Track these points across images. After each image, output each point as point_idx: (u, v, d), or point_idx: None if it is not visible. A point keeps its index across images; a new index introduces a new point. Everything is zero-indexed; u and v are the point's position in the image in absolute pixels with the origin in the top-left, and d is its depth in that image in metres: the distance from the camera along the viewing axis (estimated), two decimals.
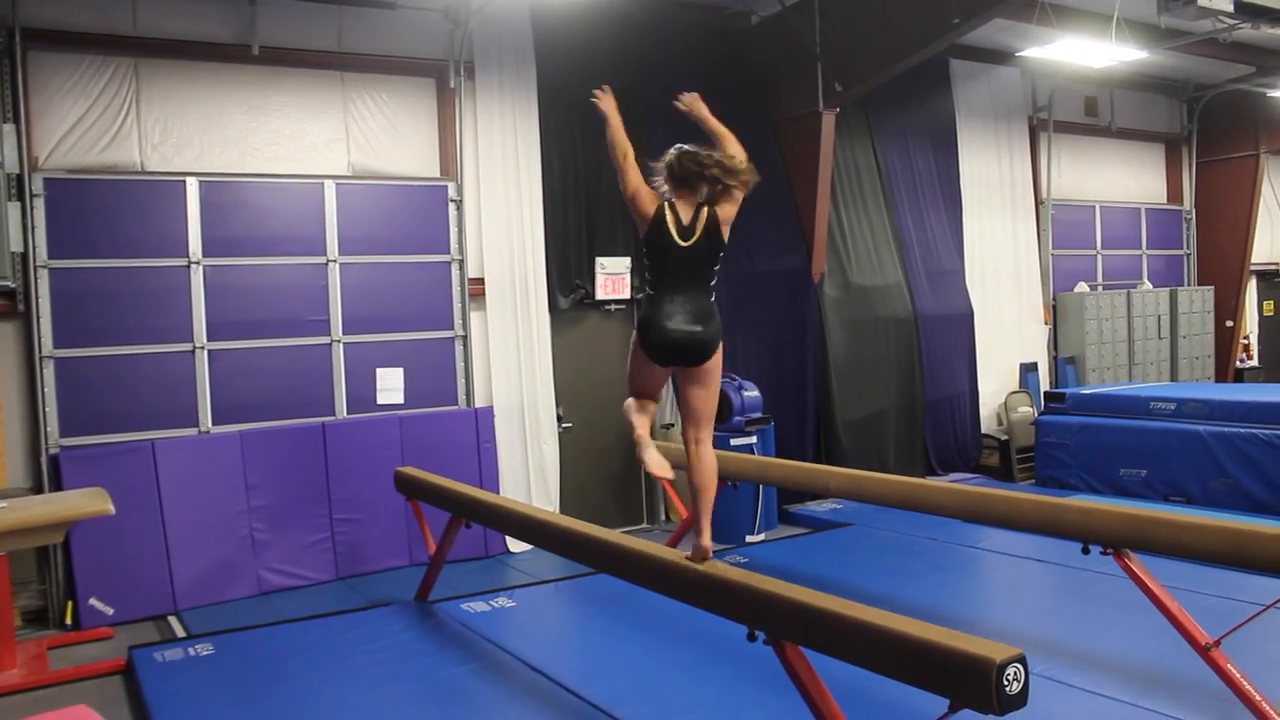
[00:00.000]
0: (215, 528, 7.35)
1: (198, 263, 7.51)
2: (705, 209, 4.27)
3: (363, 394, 8.13)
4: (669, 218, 4.26)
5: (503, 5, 8.41)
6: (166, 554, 7.16)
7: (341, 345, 8.04)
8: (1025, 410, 11.65)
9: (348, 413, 8.06)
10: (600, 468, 9.39)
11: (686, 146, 4.34)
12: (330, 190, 8.01)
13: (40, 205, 7.00)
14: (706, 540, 4.11)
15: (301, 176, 7.96)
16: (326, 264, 8.00)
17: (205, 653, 5.90)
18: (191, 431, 7.48)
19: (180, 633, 6.66)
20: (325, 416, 7.96)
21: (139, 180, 7.37)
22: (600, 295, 9.08)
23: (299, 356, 7.91)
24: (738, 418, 8.82)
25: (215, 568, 7.33)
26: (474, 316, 8.58)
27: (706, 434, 4.28)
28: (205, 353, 7.53)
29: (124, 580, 7.00)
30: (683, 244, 4.24)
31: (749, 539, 8.67)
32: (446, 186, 8.51)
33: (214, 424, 7.55)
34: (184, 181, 7.48)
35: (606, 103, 4.65)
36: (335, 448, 7.84)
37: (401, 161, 8.47)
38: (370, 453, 7.91)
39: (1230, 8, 7.74)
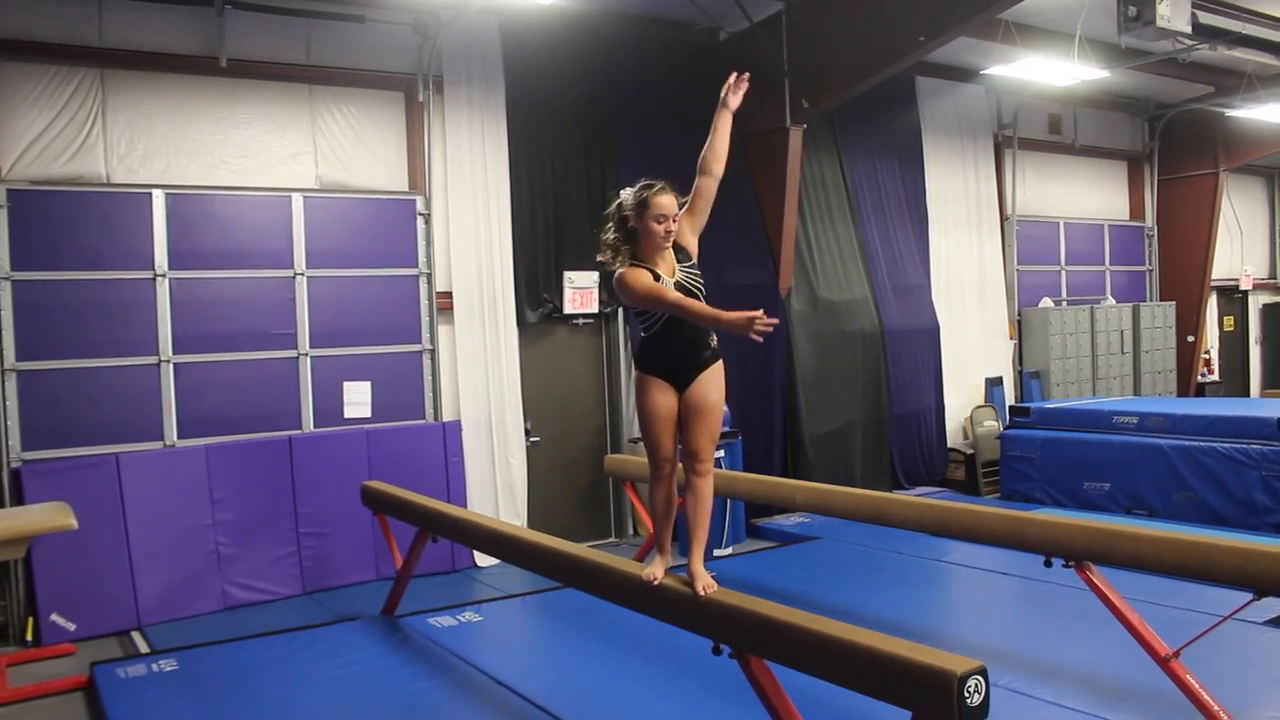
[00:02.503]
0: (180, 542, 7.29)
1: (164, 275, 7.46)
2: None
3: (330, 408, 8.09)
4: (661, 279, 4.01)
5: (472, 20, 8.43)
6: (130, 569, 7.10)
7: (308, 359, 8.00)
8: (990, 424, 11.75)
9: (314, 426, 8.02)
10: (568, 482, 9.39)
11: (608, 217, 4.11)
12: (298, 203, 7.98)
13: (3, 217, 6.94)
14: (696, 563, 4.01)
15: (269, 189, 7.93)
16: (294, 277, 7.97)
17: (169, 668, 5.85)
18: (156, 445, 7.42)
19: (143, 648, 6.59)
20: (292, 430, 7.92)
21: (104, 192, 7.33)
22: (568, 309, 9.09)
23: (266, 370, 7.86)
24: None
25: (180, 582, 7.26)
26: (442, 330, 8.57)
27: (707, 462, 4.14)
28: (171, 366, 7.48)
29: (86, 596, 6.92)
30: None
31: (716, 553, 8.68)
32: (415, 200, 8.51)
33: (179, 438, 7.49)
34: (150, 194, 7.43)
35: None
36: (302, 462, 7.80)
37: (369, 175, 8.46)
38: (337, 467, 7.87)
39: (1188, 29, 7.89)
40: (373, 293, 8.31)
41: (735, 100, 4.32)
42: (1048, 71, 10.01)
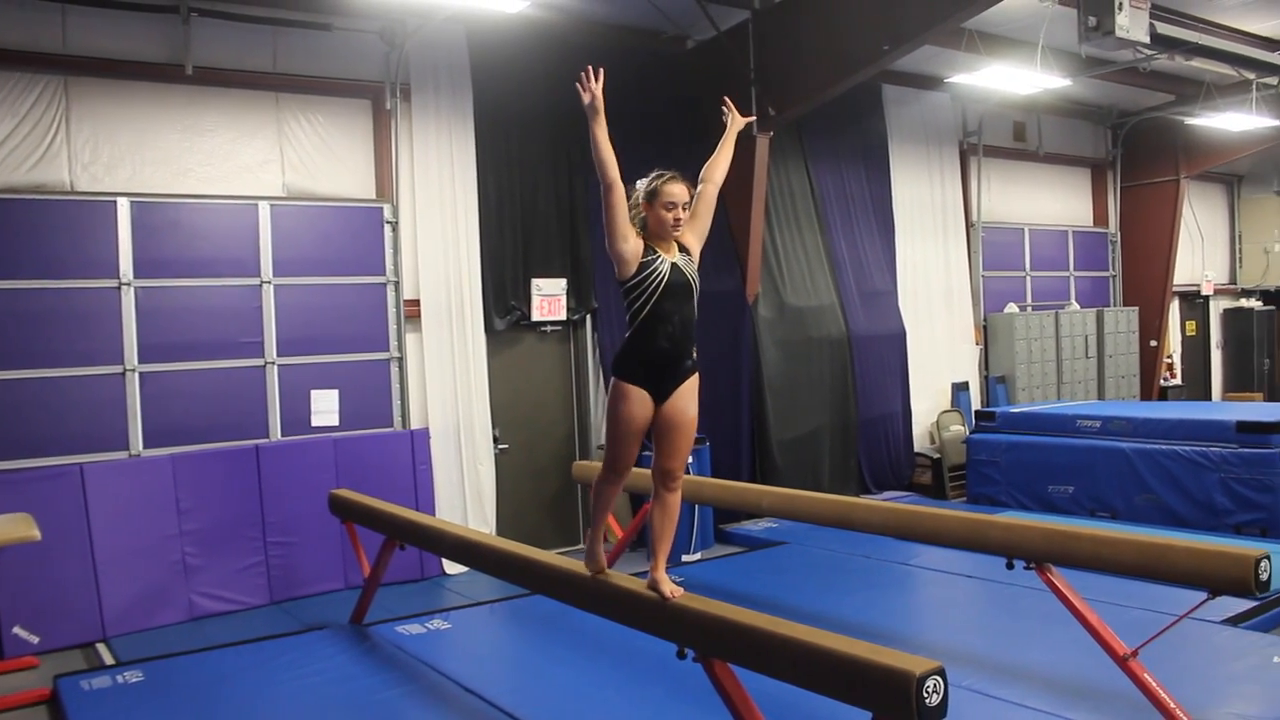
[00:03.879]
0: (145, 552, 7.24)
1: (129, 284, 7.42)
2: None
3: (297, 416, 8.08)
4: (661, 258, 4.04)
5: (439, 28, 8.45)
6: (95, 580, 7.04)
7: (276, 367, 7.98)
8: (957, 429, 11.86)
9: (282, 435, 8.00)
10: (537, 489, 9.41)
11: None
12: (264, 211, 7.97)
13: None
14: (659, 571, 4.05)
15: (235, 198, 7.91)
16: (261, 285, 7.95)
17: (134, 680, 5.81)
18: (122, 455, 7.37)
19: (109, 660, 6.54)
20: (259, 439, 7.89)
21: (68, 200, 7.27)
22: (536, 316, 9.11)
23: (232, 378, 7.84)
24: None
25: (145, 593, 7.21)
26: (409, 338, 8.56)
27: (681, 479, 4.18)
28: (136, 375, 7.44)
29: (50, 607, 6.85)
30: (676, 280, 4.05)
31: (685, 558, 8.73)
32: (382, 208, 8.51)
33: (145, 447, 7.45)
34: (115, 202, 7.39)
35: (591, 94, 4.05)
36: (269, 470, 7.77)
37: (337, 183, 8.45)
38: (305, 475, 7.85)
39: (1146, 39, 8.00)
40: (340, 301, 8.30)
41: (741, 121, 4.52)
42: (1011, 80, 10.13)
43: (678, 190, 4.05)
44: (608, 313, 9.39)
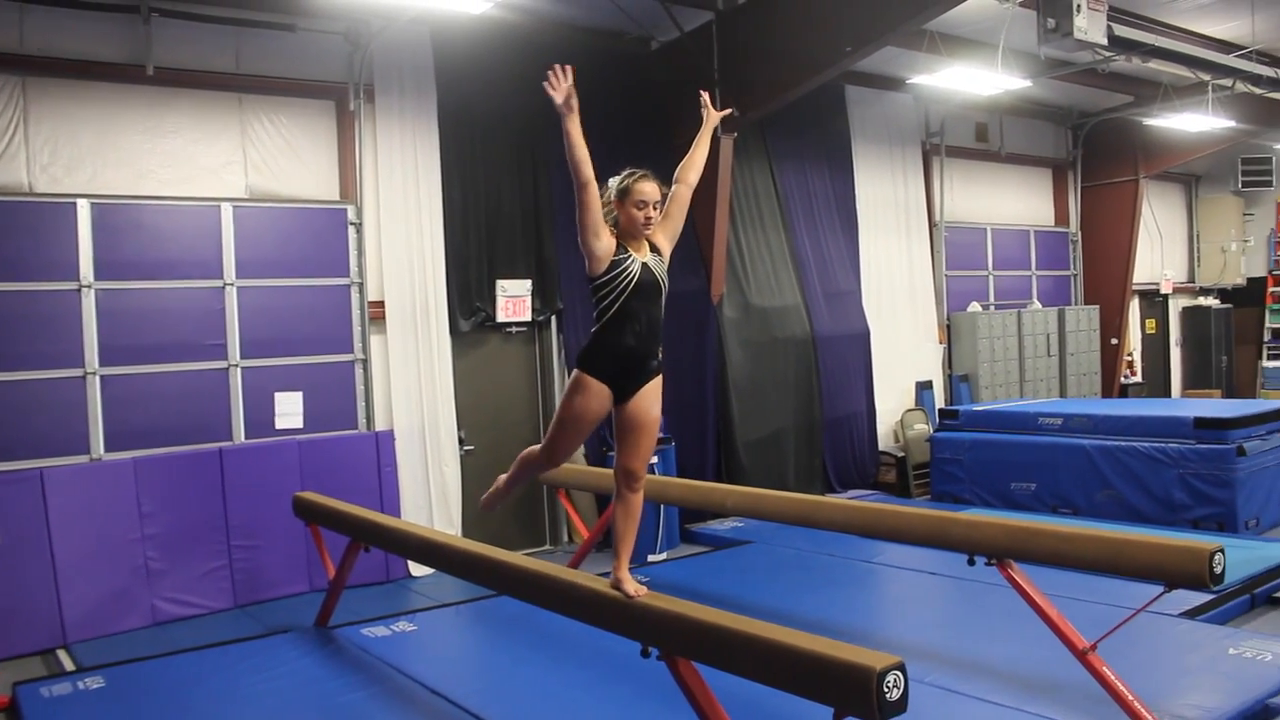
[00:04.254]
0: (107, 557, 7.17)
1: (89, 286, 7.35)
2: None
3: (261, 419, 8.03)
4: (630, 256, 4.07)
5: (403, 29, 8.43)
6: (55, 585, 6.96)
7: (239, 369, 7.94)
8: (921, 427, 11.95)
9: (245, 438, 7.95)
10: None
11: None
12: (227, 213, 7.92)
13: None
14: (620, 569, 4.06)
15: (198, 199, 7.86)
16: (224, 287, 7.90)
17: (95, 686, 5.75)
18: (82, 459, 7.30)
19: (69, 666, 6.47)
20: (222, 442, 7.84)
21: (27, 202, 7.20)
22: (501, 318, 9.10)
23: (195, 381, 7.78)
24: None
25: (107, 598, 7.15)
26: (374, 340, 8.54)
27: (644, 479, 4.17)
28: (97, 378, 7.37)
29: (9, 613, 6.77)
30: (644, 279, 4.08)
31: (651, 558, 8.75)
32: (346, 209, 8.48)
33: (106, 451, 7.38)
34: (75, 203, 7.32)
35: (564, 92, 3.97)
36: (233, 473, 7.72)
37: (300, 184, 8.41)
38: (269, 478, 7.80)
39: (1104, 40, 8.11)
40: (304, 302, 8.26)
41: (717, 115, 4.59)
42: (973, 81, 10.23)
43: (649, 189, 4.07)
44: (573, 314, 9.40)
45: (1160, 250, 16.74)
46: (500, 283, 9.08)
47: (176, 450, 7.60)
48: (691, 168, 4.35)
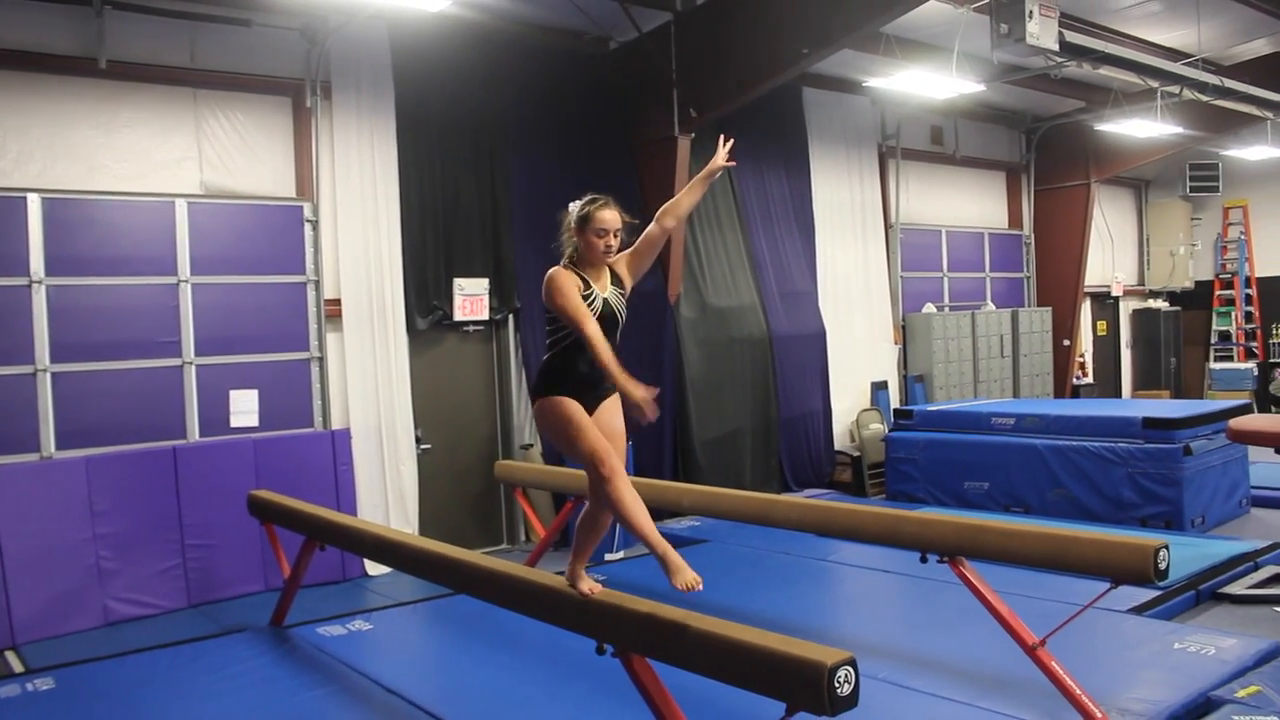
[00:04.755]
0: (57, 556, 7.07)
1: (40, 282, 7.26)
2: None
3: (216, 416, 7.96)
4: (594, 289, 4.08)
5: (361, 25, 8.39)
6: (4, 586, 6.85)
7: (194, 367, 7.87)
8: (876, 427, 12.07)
9: (200, 436, 7.89)
10: (459, 489, 9.39)
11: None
12: (182, 209, 7.84)
13: None
14: (573, 569, 4.13)
15: (152, 195, 7.77)
16: (178, 284, 7.83)
17: (45, 688, 5.68)
18: (32, 457, 7.20)
19: (18, 668, 6.37)
20: (177, 440, 7.77)
21: None
22: (458, 316, 9.09)
23: (149, 379, 7.70)
24: None
25: (58, 598, 7.06)
26: (330, 338, 8.50)
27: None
28: (48, 375, 7.27)
29: None
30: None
31: (608, 557, 8.77)
32: (302, 207, 8.42)
33: (57, 449, 7.29)
34: (25, 198, 7.21)
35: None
36: (187, 472, 7.65)
37: (256, 181, 8.34)
38: (224, 476, 7.74)
39: (1056, 46, 8.23)
40: (259, 300, 8.20)
41: (717, 167, 4.34)
42: (928, 85, 10.33)
43: (609, 217, 4.03)
44: (530, 312, 9.40)
45: (1111, 253, 17.01)
46: (457, 281, 9.06)
47: (129, 448, 7.52)
48: (673, 213, 4.24)
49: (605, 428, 4.07)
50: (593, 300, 4.00)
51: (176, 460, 7.62)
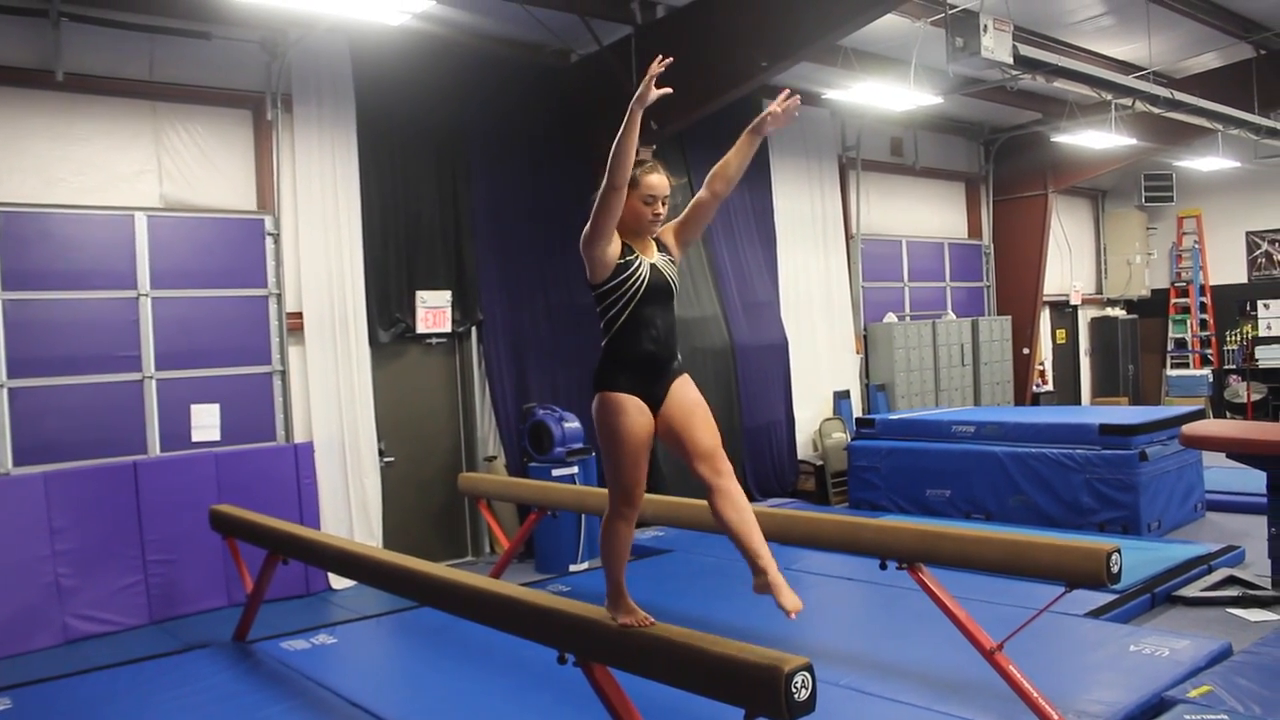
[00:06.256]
0: (15, 575, 6.99)
1: None
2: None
3: (177, 431, 7.91)
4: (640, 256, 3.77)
5: (321, 38, 8.38)
6: None
7: (154, 381, 7.81)
8: (839, 436, 12.15)
9: (161, 451, 7.83)
10: (423, 501, 9.37)
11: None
12: (141, 222, 7.79)
13: None
14: (773, 570, 3.68)
15: (110, 208, 7.71)
16: (138, 298, 7.78)
17: (3, 708, 5.61)
18: None
19: None
20: (137, 455, 7.71)
21: None
22: (421, 329, 9.08)
23: (109, 394, 7.64)
24: (559, 449, 8.95)
25: (16, 617, 6.97)
26: (292, 351, 8.46)
27: (725, 466, 3.70)
28: (5, 390, 7.19)
29: None
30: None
31: (572, 568, 8.78)
32: (263, 220, 8.40)
33: (14, 465, 7.21)
34: None
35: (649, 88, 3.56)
36: (148, 487, 7.59)
37: (216, 194, 8.30)
38: (186, 491, 7.69)
39: (1010, 60, 8.36)
40: (221, 314, 8.16)
41: (775, 125, 3.95)
42: (887, 97, 10.45)
43: (658, 182, 3.72)
44: (493, 325, 9.41)
45: (1070, 262, 17.25)
46: (420, 294, 9.06)
47: (89, 464, 7.46)
48: (724, 177, 3.87)
49: (684, 402, 3.71)
50: (637, 267, 3.68)
51: (137, 475, 7.57)
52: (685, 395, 3.73)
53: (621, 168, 3.53)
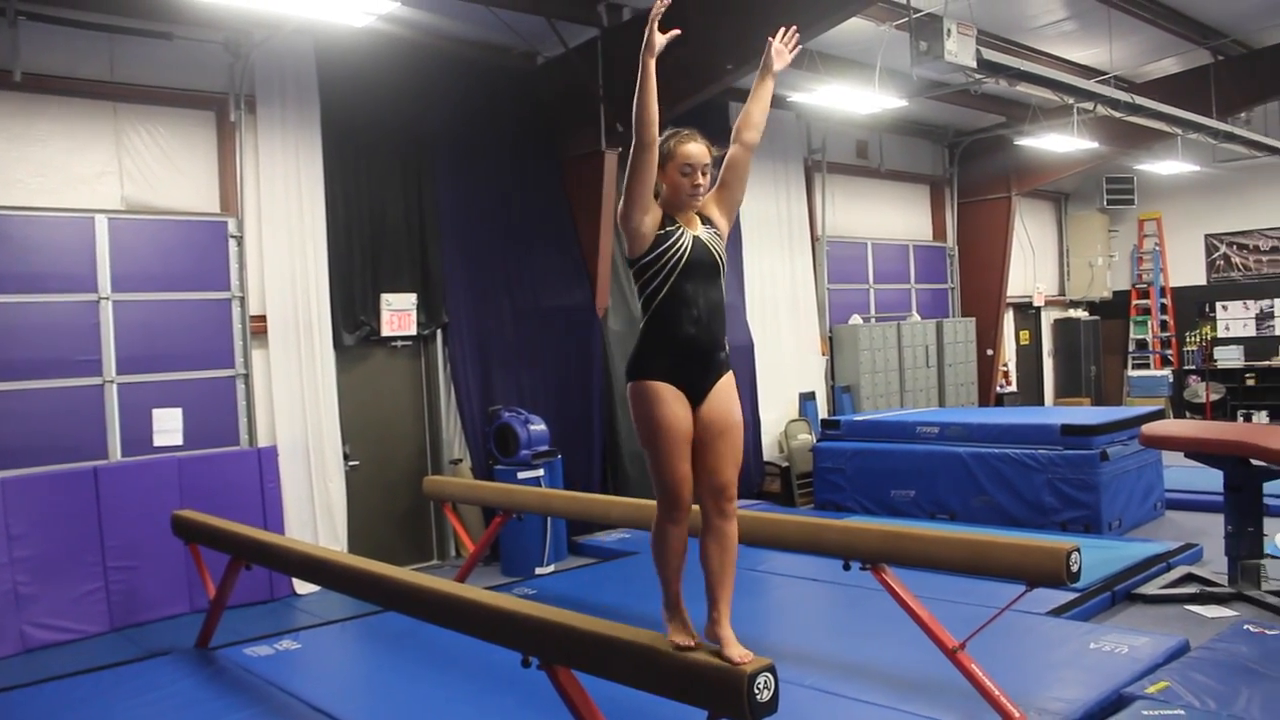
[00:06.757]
0: None
1: None
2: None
3: (138, 436, 7.83)
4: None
5: (286, 39, 8.33)
6: None
7: (115, 386, 7.73)
8: (804, 438, 12.20)
9: (122, 456, 7.74)
10: (388, 505, 9.33)
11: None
12: (102, 225, 7.71)
13: None
14: (725, 624, 3.46)
15: (70, 210, 7.62)
16: (98, 301, 7.69)
17: None
18: None
19: None
20: (98, 460, 7.62)
21: None
22: (386, 332, 9.04)
23: (68, 398, 7.54)
24: (525, 451, 8.93)
25: None
26: (256, 354, 8.40)
27: (732, 506, 3.54)
28: None
29: None
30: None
31: (538, 571, 8.76)
32: (227, 222, 8.33)
33: None
34: None
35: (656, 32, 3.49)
36: (109, 493, 7.51)
37: (179, 196, 8.23)
38: (147, 497, 7.61)
39: (974, 64, 8.43)
40: (183, 317, 8.09)
41: (779, 61, 3.79)
42: (852, 100, 10.51)
43: (696, 151, 3.53)
44: (459, 327, 9.38)
45: (1033, 264, 17.41)
46: (385, 296, 9.02)
47: (48, 470, 7.36)
48: (750, 125, 3.68)
49: (720, 417, 3.49)
50: (679, 238, 3.49)
51: (98, 481, 7.48)
52: (726, 409, 3.52)
53: (647, 124, 3.38)
